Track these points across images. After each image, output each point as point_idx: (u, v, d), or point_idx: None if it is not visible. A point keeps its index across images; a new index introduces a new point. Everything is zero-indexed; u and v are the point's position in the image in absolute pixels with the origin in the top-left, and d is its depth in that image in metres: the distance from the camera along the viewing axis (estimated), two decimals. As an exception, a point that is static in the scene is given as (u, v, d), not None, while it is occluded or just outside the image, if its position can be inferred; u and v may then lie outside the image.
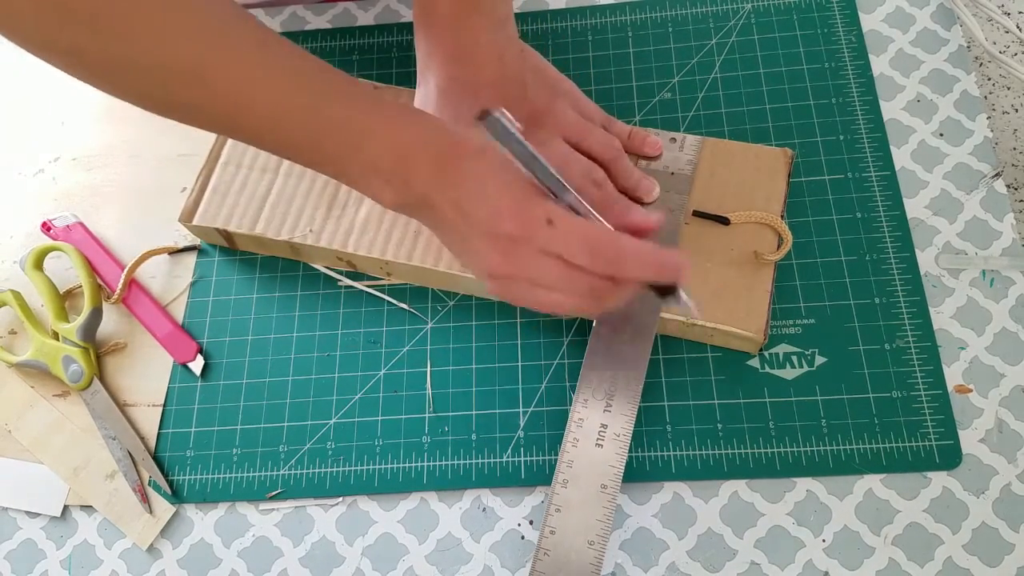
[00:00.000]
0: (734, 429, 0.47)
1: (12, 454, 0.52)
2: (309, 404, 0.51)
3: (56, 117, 0.63)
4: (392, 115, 0.39)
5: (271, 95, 0.37)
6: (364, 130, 0.38)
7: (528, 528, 0.47)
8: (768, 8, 0.58)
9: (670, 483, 0.47)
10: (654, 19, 0.59)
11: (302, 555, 0.48)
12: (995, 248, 0.50)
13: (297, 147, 0.39)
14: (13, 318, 0.56)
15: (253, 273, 0.55)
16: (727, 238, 0.49)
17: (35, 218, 0.59)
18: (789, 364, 0.48)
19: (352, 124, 0.38)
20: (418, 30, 0.47)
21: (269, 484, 0.49)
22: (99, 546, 0.49)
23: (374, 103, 0.39)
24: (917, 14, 0.57)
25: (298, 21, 0.64)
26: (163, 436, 0.51)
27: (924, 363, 0.47)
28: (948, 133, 0.53)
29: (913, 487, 0.45)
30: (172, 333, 0.53)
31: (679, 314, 0.47)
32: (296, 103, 0.37)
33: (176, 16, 0.34)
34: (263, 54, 0.37)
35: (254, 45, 0.36)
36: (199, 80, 0.35)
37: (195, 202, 0.54)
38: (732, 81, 0.56)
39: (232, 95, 0.36)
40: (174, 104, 0.37)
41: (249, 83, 0.36)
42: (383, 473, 0.49)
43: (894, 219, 0.51)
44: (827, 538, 0.45)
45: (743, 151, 0.52)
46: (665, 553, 0.45)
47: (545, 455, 0.48)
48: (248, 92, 0.36)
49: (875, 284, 0.49)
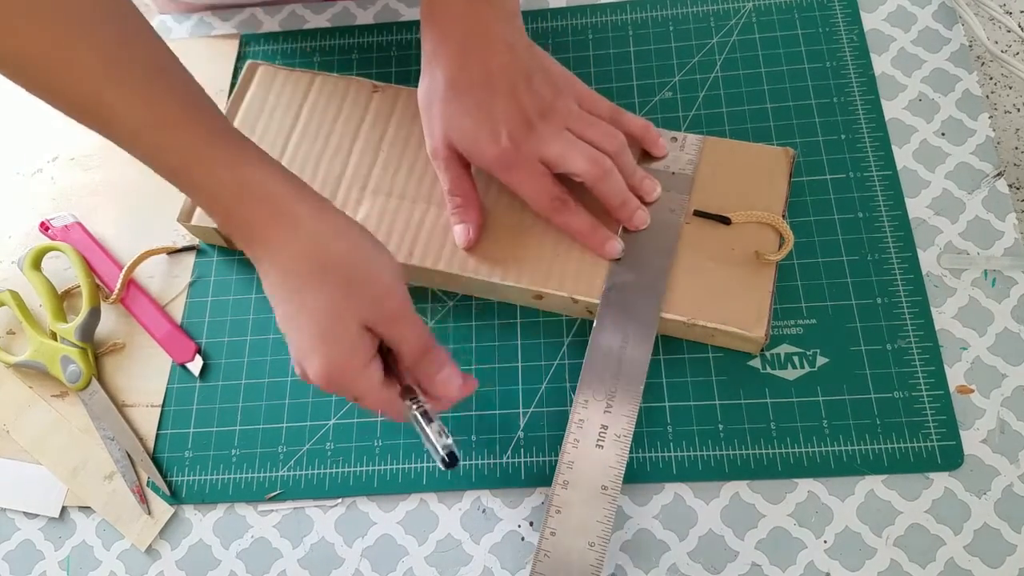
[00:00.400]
0: (735, 430, 0.47)
1: (10, 455, 0.52)
2: (308, 405, 0.51)
3: (55, 117, 0.62)
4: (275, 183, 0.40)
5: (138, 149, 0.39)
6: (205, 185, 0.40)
7: (528, 529, 0.47)
8: (769, 7, 0.58)
9: (671, 484, 0.46)
10: (655, 18, 0.59)
11: (301, 556, 0.47)
12: (997, 248, 0.49)
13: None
14: (11, 318, 0.56)
15: (252, 273, 0.55)
16: (728, 238, 0.49)
17: (33, 218, 0.59)
18: (790, 364, 0.48)
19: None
20: (425, 22, 0.47)
21: (268, 485, 0.49)
22: (97, 547, 0.49)
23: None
24: (919, 13, 0.56)
25: (297, 20, 0.63)
26: (162, 437, 0.51)
27: (926, 363, 0.47)
28: (950, 132, 0.53)
29: (915, 488, 0.45)
30: (171, 333, 0.53)
31: (680, 314, 0.47)
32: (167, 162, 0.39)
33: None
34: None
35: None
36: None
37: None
38: (733, 80, 0.56)
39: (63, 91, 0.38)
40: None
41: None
42: (382, 474, 0.48)
43: (896, 219, 0.50)
44: (828, 539, 0.44)
45: (744, 150, 0.51)
46: (666, 554, 0.45)
47: (545, 456, 0.48)
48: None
49: (877, 284, 0.49)
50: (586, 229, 0.48)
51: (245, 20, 0.64)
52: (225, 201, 0.39)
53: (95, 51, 0.37)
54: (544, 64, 0.48)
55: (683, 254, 0.49)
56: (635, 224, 0.49)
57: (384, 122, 0.55)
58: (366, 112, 0.55)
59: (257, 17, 0.64)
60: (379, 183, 0.53)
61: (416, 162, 0.53)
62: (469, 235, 0.49)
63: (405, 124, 0.54)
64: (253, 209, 0.39)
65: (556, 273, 0.49)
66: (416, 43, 0.60)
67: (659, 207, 0.50)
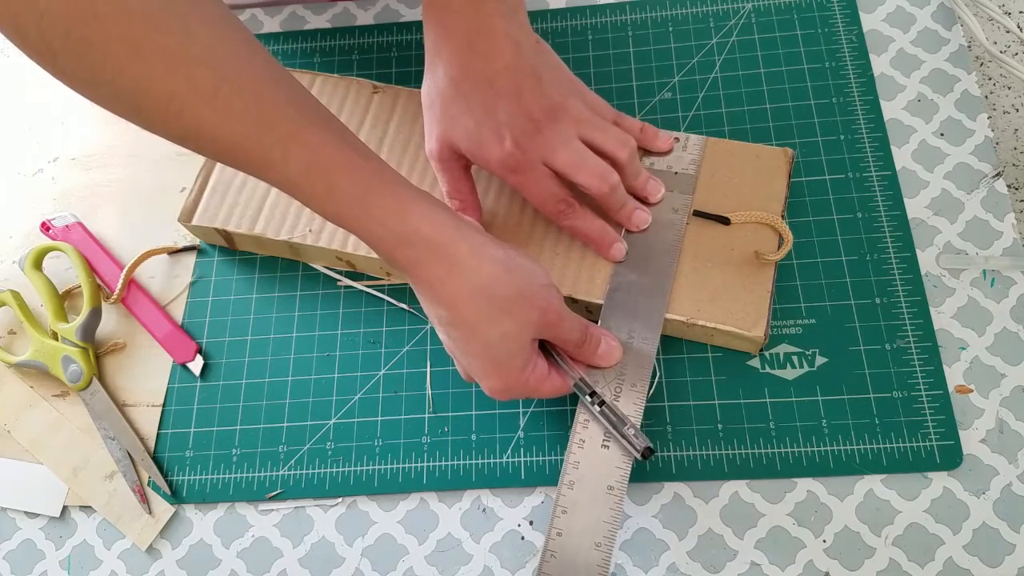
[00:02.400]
0: (734, 429, 0.47)
1: (11, 454, 0.52)
2: (309, 404, 0.51)
3: (56, 117, 0.63)
4: (403, 195, 0.40)
5: (253, 154, 0.37)
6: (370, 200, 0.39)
7: (528, 529, 0.47)
8: (768, 8, 0.58)
9: (670, 484, 0.47)
10: (654, 19, 0.59)
11: (302, 556, 0.48)
12: (996, 248, 0.50)
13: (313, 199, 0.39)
14: (12, 318, 0.56)
15: (252, 273, 0.55)
16: (728, 238, 0.49)
17: (34, 218, 0.59)
18: (790, 364, 0.48)
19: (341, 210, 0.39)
20: (427, 18, 0.46)
21: (268, 484, 0.49)
22: (98, 546, 0.49)
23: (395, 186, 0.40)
24: (918, 14, 0.57)
25: (297, 20, 0.64)
26: (162, 436, 0.51)
27: (925, 363, 0.47)
28: (949, 133, 0.53)
29: (914, 487, 0.45)
30: (171, 333, 0.53)
31: (679, 314, 0.47)
32: (286, 172, 0.38)
33: (161, 40, 0.33)
34: (254, 98, 0.36)
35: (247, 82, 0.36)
36: (176, 117, 0.35)
37: (194, 202, 0.54)
38: (732, 81, 0.56)
39: (215, 142, 0.36)
40: (154, 130, 0.37)
41: (229, 132, 0.36)
42: (383, 473, 0.48)
43: (895, 219, 0.51)
44: (828, 539, 0.44)
45: (743, 151, 0.51)
46: (665, 554, 0.45)
47: (545, 455, 0.48)
48: (232, 142, 0.36)
49: (876, 284, 0.49)
50: (594, 233, 0.48)
51: (246, 21, 0.64)
52: (389, 244, 0.40)
53: (250, 96, 0.36)
54: (551, 62, 0.47)
55: (683, 254, 0.49)
56: (635, 224, 0.49)
57: (384, 123, 0.55)
58: (366, 113, 0.55)
59: (258, 18, 0.64)
60: (379, 183, 0.53)
61: (417, 163, 0.53)
62: None
63: (405, 125, 0.55)
64: (418, 252, 0.40)
65: (556, 273, 0.49)
66: (417, 44, 0.61)
67: (662, 207, 0.50)
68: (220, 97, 0.35)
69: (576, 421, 0.45)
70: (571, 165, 0.46)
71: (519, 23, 0.46)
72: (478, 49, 0.45)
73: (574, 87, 0.49)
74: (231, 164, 0.38)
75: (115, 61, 0.33)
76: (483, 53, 0.45)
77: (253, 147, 0.37)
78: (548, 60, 0.47)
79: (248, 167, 0.38)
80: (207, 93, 0.34)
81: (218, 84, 0.35)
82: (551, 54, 0.48)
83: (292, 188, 0.38)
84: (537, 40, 0.47)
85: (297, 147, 0.37)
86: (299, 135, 0.37)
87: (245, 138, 0.36)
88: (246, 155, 0.37)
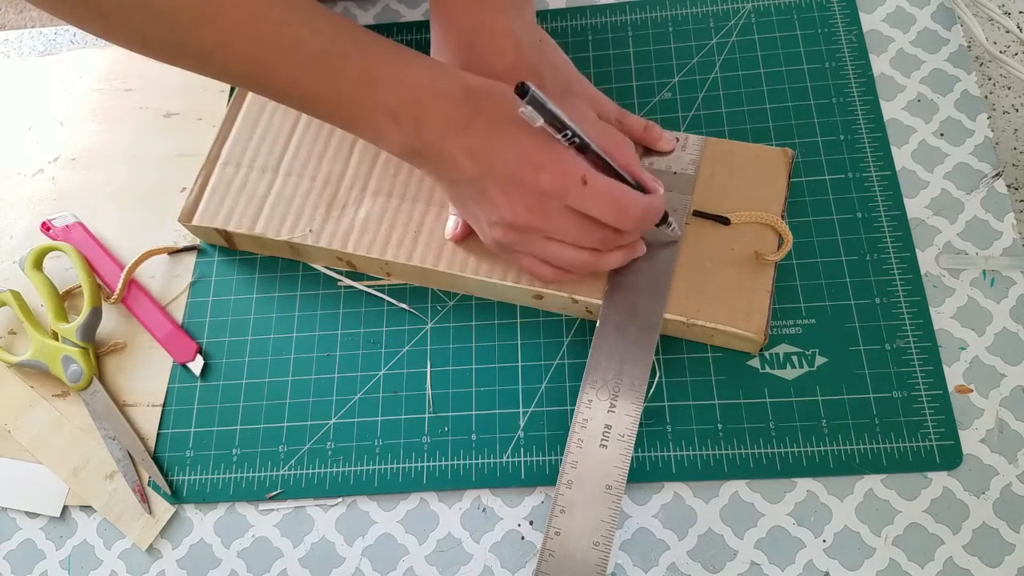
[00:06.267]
0: (734, 429, 0.47)
1: (11, 454, 0.52)
2: (309, 404, 0.51)
3: (55, 117, 0.63)
4: (408, 59, 0.39)
5: (285, 41, 0.37)
6: (378, 72, 0.38)
7: (528, 528, 0.47)
8: (768, 8, 0.58)
9: (670, 483, 0.47)
10: (654, 19, 0.59)
11: (302, 555, 0.48)
12: (996, 248, 0.50)
13: (312, 95, 0.39)
14: (12, 318, 0.56)
15: (253, 273, 0.55)
16: (727, 238, 0.49)
17: (34, 218, 0.59)
18: (789, 364, 0.48)
19: (366, 66, 0.38)
20: (433, 9, 0.46)
21: (269, 484, 0.49)
22: (98, 546, 0.49)
23: (389, 47, 0.39)
24: (917, 14, 0.57)
25: (298, 21, 0.63)
26: (163, 436, 0.51)
27: (924, 363, 0.47)
28: (948, 133, 0.53)
29: (913, 487, 0.45)
30: (172, 333, 0.53)
31: (679, 314, 0.47)
32: (311, 48, 0.38)
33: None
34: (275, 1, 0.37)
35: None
36: (210, 24, 0.35)
37: (195, 202, 0.54)
38: (732, 81, 0.56)
39: (245, 40, 0.36)
40: (186, 51, 0.37)
41: (263, 29, 0.36)
42: (383, 473, 0.49)
43: (894, 219, 0.51)
44: (827, 538, 0.44)
45: (743, 151, 0.51)
46: (665, 553, 0.45)
47: (545, 455, 0.48)
48: (262, 38, 0.36)
49: (875, 284, 0.49)
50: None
51: (246, 21, 0.64)
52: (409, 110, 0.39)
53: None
54: (553, 62, 0.47)
55: (682, 254, 0.49)
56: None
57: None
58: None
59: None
60: (379, 183, 0.53)
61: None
62: (457, 229, 0.49)
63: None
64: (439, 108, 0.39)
65: (556, 273, 0.49)
66: (416, 44, 0.61)
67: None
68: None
69: (574, 420, 0.45)
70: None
71: (523, 19, 0.45)
72: (479, 48, 0.45)
73: (575, 87, 0.49)
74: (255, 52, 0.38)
75: None
76: (483, 53, 0.45)
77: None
78: (550, 59, 0.47)
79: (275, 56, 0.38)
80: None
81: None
82: (554, 52, 0.48)
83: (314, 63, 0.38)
84: (540, 38, 0.47)
85: (324, 22, 0.38)
86: (319, 16, 0.38)
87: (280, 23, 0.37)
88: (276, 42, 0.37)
